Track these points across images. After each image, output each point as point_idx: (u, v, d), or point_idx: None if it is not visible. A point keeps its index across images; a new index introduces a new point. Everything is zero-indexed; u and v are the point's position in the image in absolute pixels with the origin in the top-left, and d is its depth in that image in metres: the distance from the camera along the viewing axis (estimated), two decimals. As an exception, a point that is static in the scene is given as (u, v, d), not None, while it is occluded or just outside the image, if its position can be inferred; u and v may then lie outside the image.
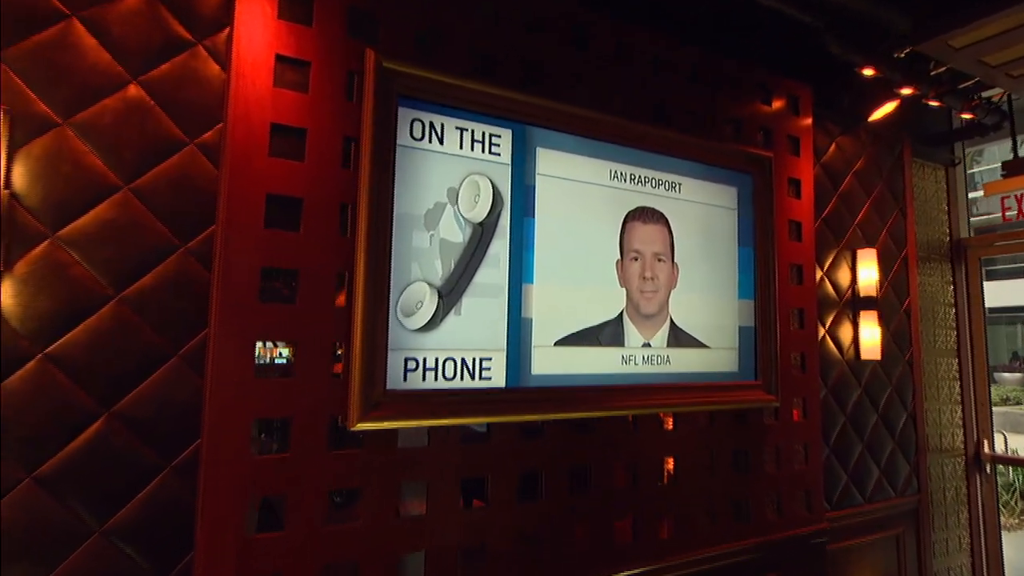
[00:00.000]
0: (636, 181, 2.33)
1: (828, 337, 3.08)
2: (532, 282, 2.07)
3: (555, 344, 2.10)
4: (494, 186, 2.03)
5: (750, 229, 2.61)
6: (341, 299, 1.76)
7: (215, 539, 1.55)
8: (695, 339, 2.42)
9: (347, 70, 1.82)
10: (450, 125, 1.97)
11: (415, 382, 1.85)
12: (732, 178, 2.59)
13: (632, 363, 2.26)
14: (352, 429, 1.69)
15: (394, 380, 1.82)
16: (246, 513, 1.58)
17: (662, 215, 2.38)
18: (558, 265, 2.12)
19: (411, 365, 1.85)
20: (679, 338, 2.38)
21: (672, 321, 2.36)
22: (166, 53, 1.66)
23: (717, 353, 2.48)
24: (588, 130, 2.22)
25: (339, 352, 1.77)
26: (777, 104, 2.81)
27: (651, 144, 2.36)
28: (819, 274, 3.07)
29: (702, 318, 2.45)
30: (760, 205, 2.64)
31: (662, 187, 2.39)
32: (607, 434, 2.19)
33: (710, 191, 2.52)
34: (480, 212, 1.99)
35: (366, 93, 1.79)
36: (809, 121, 2.91)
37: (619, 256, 2.26)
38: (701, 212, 2.49)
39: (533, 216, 2.09)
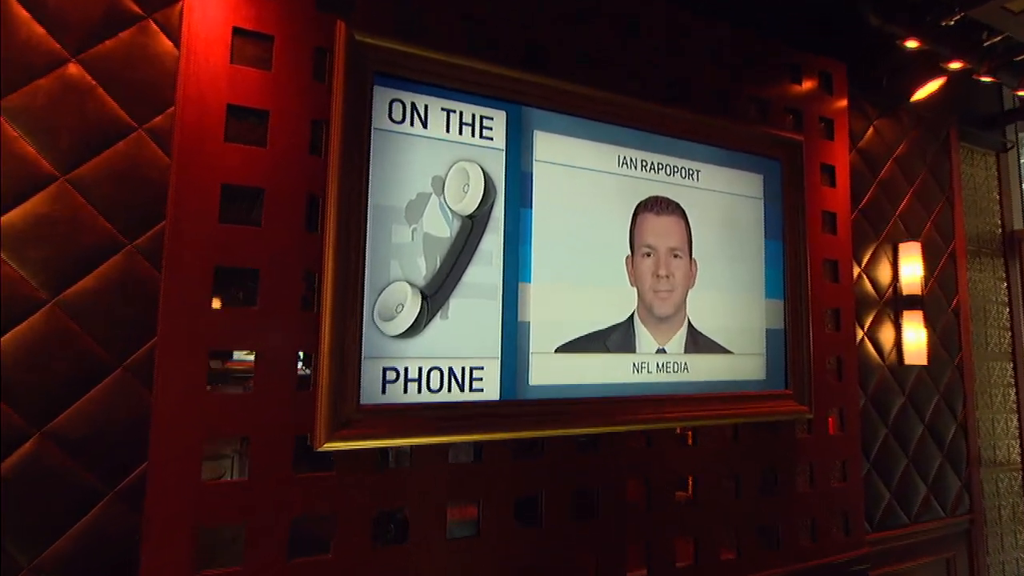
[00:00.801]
0: (648, 168, 2.09)
1: (867, 340, 2.79)
2: (529, 281, 1.84)
3: (556, 351, 1.87)
4: (486, 174, 1.81)
5: (779, 221, 2.35)
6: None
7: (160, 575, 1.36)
8: (716, 344, 2.16)
9: (315, 46, 1.62)
10: (435, 106, 1.76)
11: (395, 395, 1.64)
12: (758, 164, 2.33)
13: (645, 371, 2.02)
14: (319, 450, 1.49)
15: (370, 393, 1.61)
16: (195, 547, 1.39)
17: (678, 206, 2.13)
18: (559, 262, 1.89)
19: (390, 376, 1.64)
20: (698, 343, 2.13)
21: (690, 324, 2.11)
22: (111, 28, 1.48)
23: (742, 359, 2.22)
24: (594, 111, 1.98)
25: (306, 362, 1.57)
26: (808, 83, 2.54)
27: (666, 127, 2.12)
28: (857, 270, 2.78)
29: (724, 320, 2.19)
30: (790, 194, 2.37)
31: (678, 174, 2.15)
32: (616, 452, 1.96)
33: (733, 179, 2.27)
34: (470, 203, 1.78)
35: (336, 70, 1.59)
36: (844, 102, 2.63)
37: (629, 252, 2.02)
38: (723, 202, 2.23)
39: (530, 207, 1.87)
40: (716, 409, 2.11)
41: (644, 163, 2.08)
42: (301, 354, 1.59)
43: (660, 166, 2.11)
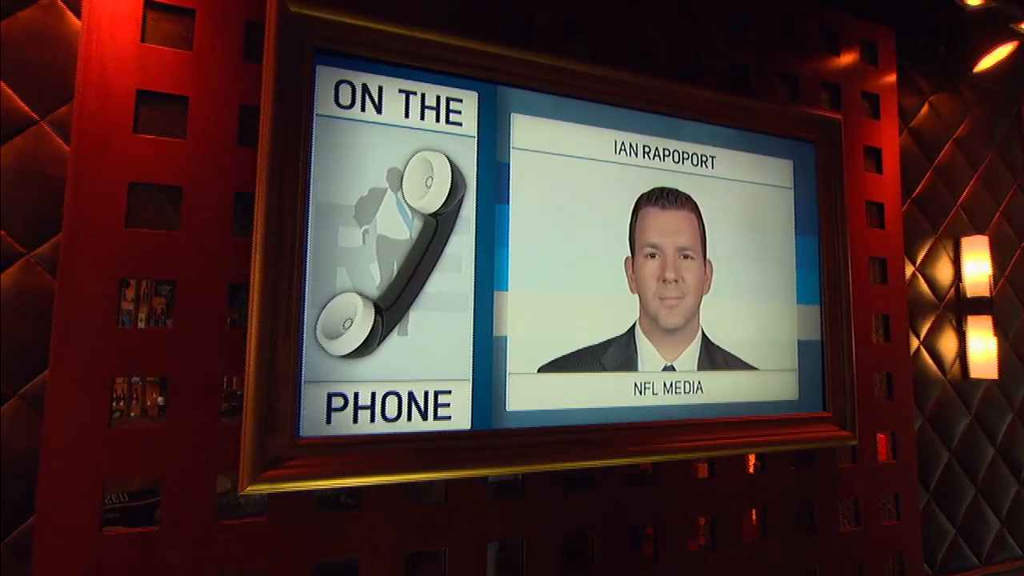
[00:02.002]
0: (652, 155, 1.79)
1: (924, 350, 2.40)
2: (506, 290, 1.58)
3: (539, 371, 1.59)
4: (453, 165, 1.55)
5: (813, 213, 2.01)
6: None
7: (50, 645, 1.15)
8: (737, 359, 1.84)
9: (246, 20, 1.40)
10: (391, 88, 1.51)
11: (342, 425, 1.40)
12: (786, 148, 2.00)
13: (649, 393, 1.72)
14: (242, 493, 1.25)
15: (312, 424, 1.37)
16: (90, 611, 1.18)
17: (688, 198, 1.82)
18: (543, 267, 1.62)
19: (337, 403, 1.40)
20: (714, 358, 1.81)
21: (704, 336, 1.80)
22: (8, 5, 1.29)
23: (769, 377, 1.89)
24: (585, 90, 1.70)
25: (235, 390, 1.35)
26: (848, 54, 2.19)
27: (676, 107, 1.81)
28: (910, 270, 2.40)
29: (747, 331, 1.87)
30: (826, 182, 2.03)
31: (688, 161, 1.84)
32: (613, 490, 1.67)
33: (756, 165, 1.94)
34: (434, 200, 1.52)
35: (266, 48, 1.35)
36: (892, 75, 2.26)
37: (629, 253, 1.73)
38: (744, 192, 1.91)
39: (507, 203, 1.60)
40: (737, 436, 1.79)
41: (647, 149, 1.78)
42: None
43: (667, 152, 1.81)
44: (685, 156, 1.83)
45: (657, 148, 1.79)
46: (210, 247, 1.32)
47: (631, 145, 1.76)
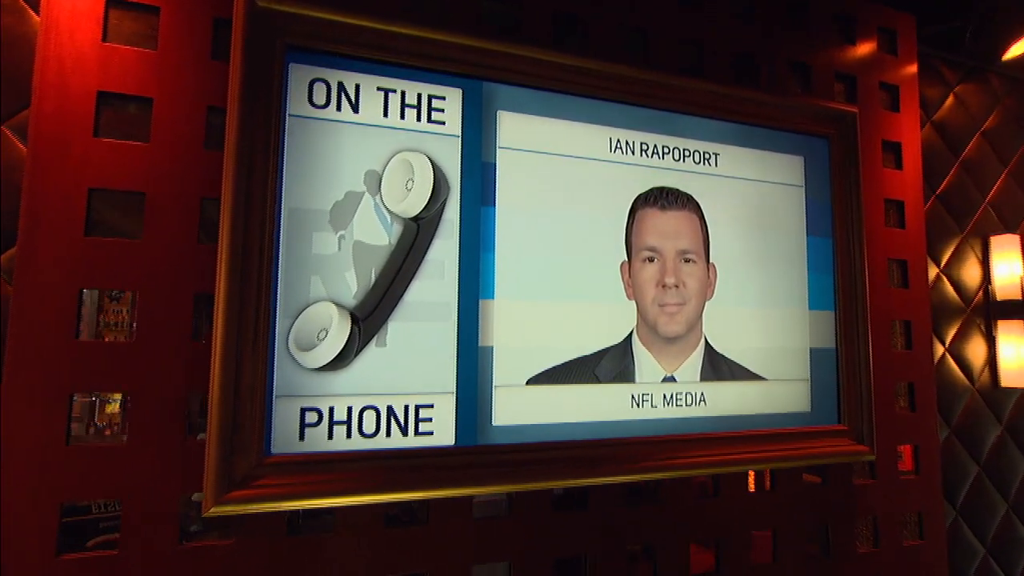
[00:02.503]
0: (650, 153, 1.69)
1: (950, 357, 2.25)
2: (492, 297, 1.49)
3: (528, 383, 1.50)
4: (435, 166, 1.47)
5: (826, 212, 1.88)
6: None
7: (4, 675, 1.10)
8: (743, 369, 1.73)
9: (214, 16, 1.34)
10: (369, 86, 1.44)
11: (317, 442, 1.33)
12: (797, 144, 1.88)
13: (647, 405, 1.62)
14: (205, 515, 1.19)
15: (284, 441, 1.30)
16: (44, 640, 1.12)
17: (690, 199, 1.71)
18: (531, 273, 1.53)
19: (311, 418, 1.33)
20: (718, 368, 1.70)
21: (708, 344, 1.70)
22: (-33, 8, 1.25)
23: (778, 388, 1.77)
24: (577, 84, 1.61)
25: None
26: (865, 43, 2.06)
27: (675, 101, 1.71)
28: (933, 271, 2.26)
29: (754, 339, 1.76)
30: (841, 179, 1.90)
31: (690, 159, 1.73)
32: (609, 509, 1.57)
33: (764, 162, 1.83)
34: (415, 203, 1.44)
35: (233, 45, 1.29)
36: (913, 65, 2.12)
37: (625, 257, 1.63)
38: (750, 191, 1.80)
39: (493, 205, 1.51)
40: (744, 451, 1.68)
41: (644, 147, 1.68)
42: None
43: (666, 150, 1.70)
44: (686, 153, 1.73)
45: (656, 145, 1.69)
46: (174, 255, 1.26)
47: (627, 143, 1.66)
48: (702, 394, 1.68)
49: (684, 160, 1.72)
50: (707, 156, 1.75)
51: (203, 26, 1.32)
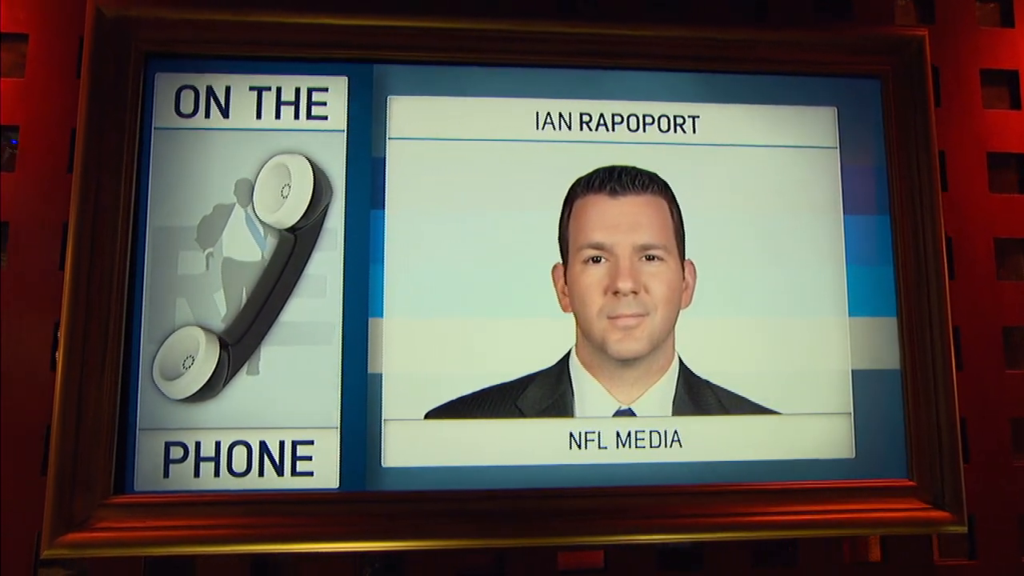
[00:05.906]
0: (594, 125, 1.33)
1: None
2: (381, 316, 1.26)
3: (427, 416, 1.25)
4: (315, 168, 1.29)
5: (874, 182, 1.36)
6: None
7: None
8: (742, 399, 1.29)
9: (79, 35, 1.29)
10: (241, 86, 1.30)
11: (182, 480, 1.21)
12: (825, 91, 1.38)
13: (592, 447, 1.26)
14: (41, 559, 1.12)
15: (147, 478, 1.20)
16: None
17: (654, 179, 1.32)
18: (431, 285, 1.27)
19: (176, 453, 1.22)
20: (700, 399, 1.28)
21: (684, 367, 1.29)
22: None
23: (800, 425, 1.29)
24: (488, 53, 1.32)
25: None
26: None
27: (625, 56, 1.34)
28: (1094, 252, 1.54)
29: (759, 360, 1.30)
30: (902, 132, 1.36)
31: (653, 127, 1.34)
32: (538, 577, 1.24)
33: (771, 120, 1.36)
34: (291, 211, 1.27)
35: (83, 59, 1.23)
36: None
37: (560, 259, 1.30)
38: (750, 162, 1.35)
39: (382, 208, 1.28)
40: (740, 511, 1.24)
41: (586, 118, 1.33)
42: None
43: (618, 119, 1.34)
44: (648, 120, 1.34)
45: (602, 115, 1.33)
46: (33, 284, 1.22)
47: (561, 116, 1.33)
48: (675, 432, 1.28)
49: (644, 129, 1.34)
50: (679, 121, 1.34)
51: (69, 47, 1.29)
